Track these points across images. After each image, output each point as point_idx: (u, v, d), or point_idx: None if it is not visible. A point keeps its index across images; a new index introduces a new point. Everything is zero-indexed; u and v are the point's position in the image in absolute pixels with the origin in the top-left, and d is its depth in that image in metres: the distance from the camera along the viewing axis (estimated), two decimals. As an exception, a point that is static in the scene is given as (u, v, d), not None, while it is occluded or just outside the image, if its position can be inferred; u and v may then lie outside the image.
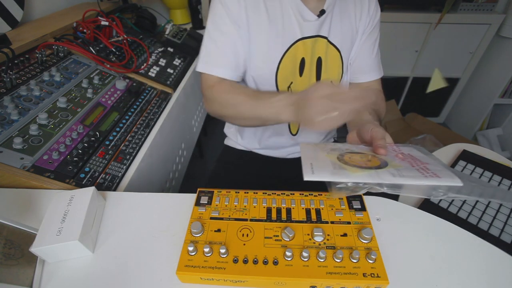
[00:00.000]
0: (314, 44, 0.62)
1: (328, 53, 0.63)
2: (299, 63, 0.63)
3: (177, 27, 1.27)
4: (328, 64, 0.64)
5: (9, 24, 0.85)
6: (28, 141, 0.56)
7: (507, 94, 1.64)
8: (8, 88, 0.63)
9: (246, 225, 0.42)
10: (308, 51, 0.62)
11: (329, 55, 0.63)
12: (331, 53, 0.63)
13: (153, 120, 0.79)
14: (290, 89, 0.65)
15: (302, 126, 0.64)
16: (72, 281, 0.40)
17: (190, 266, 0.37)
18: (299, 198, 0.46)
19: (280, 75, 0.63)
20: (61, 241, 0.39)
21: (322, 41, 0.62)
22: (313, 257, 0.38)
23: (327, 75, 0.65)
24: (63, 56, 0.80)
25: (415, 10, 1.56)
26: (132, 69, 0.89)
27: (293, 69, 0.63)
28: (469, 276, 0.40)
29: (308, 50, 0.62)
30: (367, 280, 0.35)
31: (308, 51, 0.62)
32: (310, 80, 0.65)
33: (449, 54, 1.69)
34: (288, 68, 0.62)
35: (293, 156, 0.78)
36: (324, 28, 0.61)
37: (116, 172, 0.61)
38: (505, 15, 1.51)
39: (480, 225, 0.57)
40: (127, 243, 0.44)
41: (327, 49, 0.63)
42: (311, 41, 0.61)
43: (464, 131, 1.85)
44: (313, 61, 0.63)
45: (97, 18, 0.95)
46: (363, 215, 0.43)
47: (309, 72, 0.64)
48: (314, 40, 0.61)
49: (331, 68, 0.65)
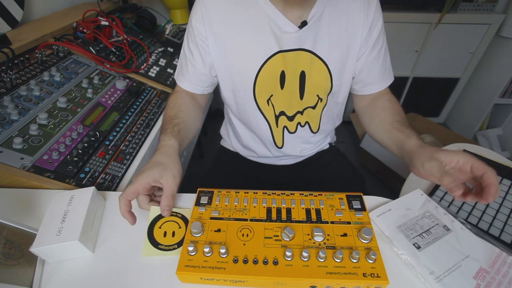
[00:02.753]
0: (296, 58, 0.57)
1: (312, 66, 0.59)
2: (279, 76, 0.60)
3: (177, 27, 1.27)
4: (312, 77, 0.60)
5: (9, 24, 0.85)
6: (28, 141, 0.56)
7: (507, 94, 1.64)
8: (8, 88, 0.63)
9: (246, 225, 0.42)
10: (288, 64, 0.58)
11: (313, 68, 0.59)
12: (316, 66, 0.59)
13: (153, 120, 0.79)
14: (270, 102, 0.63)
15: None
16: (72, 281, 0.40)
17: (190, 266, 0.37)
18: (299, 198, 0.46)
19: (258, 88, 0.61)
20: (61, 241, 0.39)
21: (305, 54, 0.57)
22: (313, 257, 0.38)
23: (311, 89, 0.62)
24: (63, 56, 0.80)
25: (415, 10, 1.56)
26: (132, 69, 0.89)
27: (273, 82, 0.60)
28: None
29: (288, 63, 0.58)
30: (367, 280, 0.35)
31: (288, 64, 0.58)
32: (293, 93, 0.62)
33: (449, 54, 1.69)
34: (266, 82, 0.60)
35: (282, 163, 0.77)
36: (307, 40, 0.56)
37: (116, 172, 0.61)
38: (505, 15, 1.51)
39: (480, 225, 0.57)
40: (127, 243, 0.44)
41: (311, 62, 0.58)
42: (292, 54, 0.57)
43: (464, 131, 1.85)
44: (295, 74, 0.60)
45: (97, 18, 0.95)
46: (363, 215, 0.43)
47: (291, 85, 0.61)
48: (296, 53, 0.57)
49: (316, 81, 0.61)
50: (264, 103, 0.64)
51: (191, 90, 0.66)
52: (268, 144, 0.71)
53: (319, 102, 0.65)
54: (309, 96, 0.63)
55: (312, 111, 0.66)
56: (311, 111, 0.66)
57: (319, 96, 0.64)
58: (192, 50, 0.61)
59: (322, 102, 0.65)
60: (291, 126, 0.68)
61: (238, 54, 0.59)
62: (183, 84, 0.65)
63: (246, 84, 0.61)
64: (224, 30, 0.57)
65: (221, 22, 0.57)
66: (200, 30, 0.58)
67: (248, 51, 0.58)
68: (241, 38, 0.57)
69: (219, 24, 0.57)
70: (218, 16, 0.57)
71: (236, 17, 0.56)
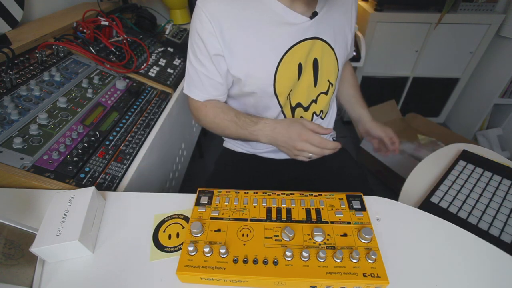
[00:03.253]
0: (310, 46, 0.60)
1: (323, 53, 0.63)
2: (297, 69, 0.61)
3: (177, 27, 1.27)
4: (323, 64, 0.64)
5: (9, 24, 0.85)
6: (28, 141, 0.56)
7: (507, 94, 1.64)
8: (8, 88, 0.63)
9: (246, 225, 0.42)
10: (303, 55, 0.60)
11: (324, 54, 0.63)
12: (326, 53, 0.63)
13: (153, 120, 0.79)
14: (289, 96, 0.64)
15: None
16: (72, 281, 0.40)
17: (190, 266, 0.37)
18: (299, 198, 0.46)
19: (278, 87, 0.62)
20: (61, 241, 0.39)
21: (318, 42, 0.61)
22: (313, 257, 0.38)
23: (323, 75, 0.65)
24: (63, 56, 0.80)
25: (415, 10, 1.56)
26: (132, 69, 0.89)
27: (291, 77, 0.62)
28: (469, 276, 0.40)
29: (304, 54, 0.60)
30: (367, 280, 0.35)
31: (303, 55, 0.60)
32: (308, 81, 0.64)
33: (449, 54, 1.69)
34: (285, 79, 0.61)
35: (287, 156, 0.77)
36: (318, 29, 0.60)
37: (116, 172, 0.61)
38: (505, 15, 1.51)
39: (480, 225, 0.57)
40: (127, 243, 0.44)
41: (323, 49, 0.62)
42: (306, 44, 0.60)
43: (464, 131, 1.85)
44: (309, 63, 0.62)
45: (97, 18, 0.95)
46: (363, 215, 0.43)
47: (306, 74, 0.63)
48: (310, 42, 0.60)
49: (326, 67, 0.64)
50: (285, 99, 0.65)
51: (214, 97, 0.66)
52: None
53: (330, 88, 0.68)
54: (322, 83, 0.66)
55: (325, 97, 0.68)
56: (324, 97, 0.68)
57: (329, 81, 0.67)
58: (204, 63, 0.60)
59: (333, 87, 0.68)
60: (307, 116, 0.69)
61: (252, 58, 0.58)
62: (202, 97, 0.65)
63: (265, 85, 0.61)
64: (236, 36, 0.56)
65: (231, 28, 0.56)
66: (213, 42, 0.57)
67: (262, 53, 0.58)
68: (254, 41, 0.57)
69: (229, 31, 0.56)
70: (227, 23, 0.55)
71: (245, 21, 0.56)
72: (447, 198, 0.64)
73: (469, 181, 0.67)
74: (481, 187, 0.66)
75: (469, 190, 0.65)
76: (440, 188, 0.66)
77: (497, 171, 0.69)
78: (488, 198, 0.63)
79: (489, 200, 0.63)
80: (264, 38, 0.57)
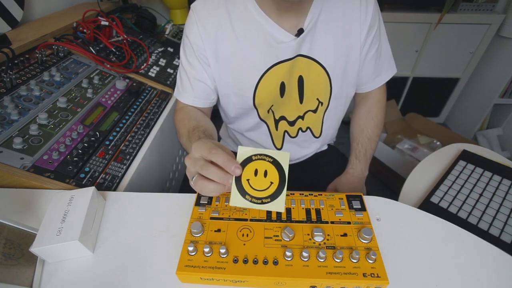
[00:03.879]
0: (294, 64, 0.58)
1: (310, 70, 0.59)
2: (279, 87, 0.60)
3: (177, 27, 1.27)
4: (311, 81, 0.60)
5: (9, 24, 0.85)
6: (28, 141, 0.56)
7: (507, 94, 1.64)
8: (8, 88, 0.63)
9: (246, 225, 0.42)
10: (286, 74, 0.58)
11: (311, 72, 0.59)
12: (314, 71, 0.59)
13: (153, 120, 0.79)
14: (270, 110, 0.64)
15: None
16: (72, 281, 0.40)
17: (190, 266, 0.37)
18: (299, 198, 0.46)
19: (258, 101, 0.61)
20: (61, 241, 0.39)
21: (302, 60, 0.58)
22: (313, 257, 0.38)
23: (311, 93, 0.62)
24: (63, 56, 0.80)
25: (415, 10, 1.56)
26: (132, 69, 0.89)
27: (273, 93, 0.61)
28: (469, 276, 0.40)
29: (287, 73, 0.58)
30: (367, 280, 0.35)
31: (286, 74, 0.58)
32: (293, 98, 0.62)
33: (449, 54, 1.69)
34: (266, 93, 0.60)
35: None
36: (304, 46, 0.57)
37: (116, 172, 0.61)
38: (505, 15, 1.51)
39: (480, 225, 0.57)
40: (127, 243, 0.44)
41: (309, 66, 0.59)
42: (290, 63, 0.57)
43: (464, 131, 1.85)
44: (294, 80, 0.60)
45: (97, 18, 0.95)
46: (363, 215, 0.43)
47: (290, 92, 0.61)
48: (294, 61, 0.57)
49: (314, 85, 0.61)
50: (265, 112, 0.64)
51: (198, 104, 0.64)
52: (268, 146, 0.71)
53: (319, 106, 0.65)
54: (309, 100, 0.63)
55: (313, 115, 0.66)
56: (312, 115, 0.66)
57: (319, 99, 0.64)
58: (193, 64, 0.60)
59: (323, 106, 0.65)
60: (292, 131, 0.68)
61: (235, 70, 0.59)
62: (188, 100, 0.64)
63: (245, 98, 0.61)
64: (220, 45, 0.57)
65: (216, 38, 0.56)
66: (198, 44, 0.57)
67: (245, 66, 0.58)
68: (237, 53, 0.57)
69: (215, 40, 0.56)
70: (213, 32, 0.56)
71: (231, 33, 0.56)
72: (447, 198, 0.64)
73: (469, 181, 0.67)
74: (481, 187, 0.66)
75: (469, 190, 0.65)
76: (440, 188, 0.66)
77: (497, 171, 0.69)
78: (488, 198, 0.63)
79: (489, 200, 0.63)
80: (247, 55, 0.57)
